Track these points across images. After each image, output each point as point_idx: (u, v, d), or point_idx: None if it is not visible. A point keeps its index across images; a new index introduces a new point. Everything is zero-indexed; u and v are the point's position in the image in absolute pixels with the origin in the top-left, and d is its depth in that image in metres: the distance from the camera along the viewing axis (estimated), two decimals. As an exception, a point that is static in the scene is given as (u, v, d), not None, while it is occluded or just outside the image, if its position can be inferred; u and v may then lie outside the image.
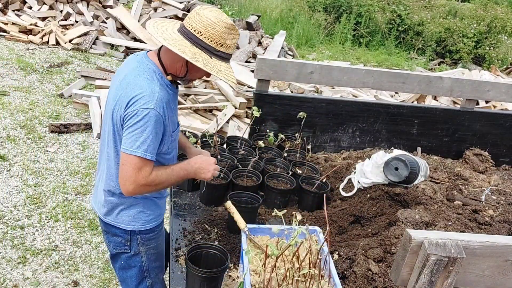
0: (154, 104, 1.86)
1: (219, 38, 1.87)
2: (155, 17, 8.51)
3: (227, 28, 1.88)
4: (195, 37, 1.87)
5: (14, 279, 3.28)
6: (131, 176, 1.88)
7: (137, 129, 1.85)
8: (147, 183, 1.91)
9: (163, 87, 1.95)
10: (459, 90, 3.70)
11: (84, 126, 5.47)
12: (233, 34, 1.92)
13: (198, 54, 1.87)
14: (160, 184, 1.98)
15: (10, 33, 7.83)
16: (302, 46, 10.75)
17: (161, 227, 2.31)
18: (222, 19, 1.87)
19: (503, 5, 13.38)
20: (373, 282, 2.12)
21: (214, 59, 1.89)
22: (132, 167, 1.87)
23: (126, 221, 2.15)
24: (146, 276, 2.30)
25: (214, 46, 1.88)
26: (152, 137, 1.87)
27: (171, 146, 2.09)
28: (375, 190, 2.86)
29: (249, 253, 1.82)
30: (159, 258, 2.32)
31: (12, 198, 4.10)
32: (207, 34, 1.86)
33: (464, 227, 2.57)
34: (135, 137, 1.86)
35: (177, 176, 2.04)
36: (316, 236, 2.23)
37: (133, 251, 2.22)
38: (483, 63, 11.23)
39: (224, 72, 1.91)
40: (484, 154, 3.78)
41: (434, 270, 1.32)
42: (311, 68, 3.42)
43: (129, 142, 1.86)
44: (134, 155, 1.85)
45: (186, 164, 2.09)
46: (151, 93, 1.87)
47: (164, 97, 1.92)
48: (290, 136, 3.54)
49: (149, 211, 2.17)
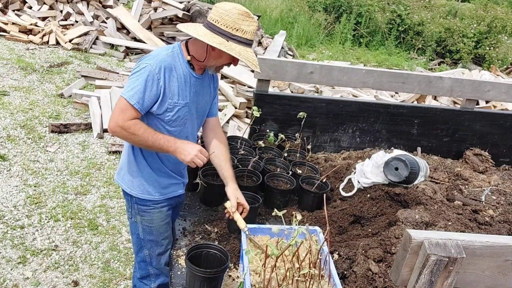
0: (153, 62, 2.08)
1: (233, 23, 2.05)
2: (155, 17, 8.51)
3: (241, 14, 2.05)
4: (213, 25, 2.07)
5: (14, 279, 3.28)
6: (114, 114, 2.09)
7: (132, 78, 2.09)
8: (123, 126, 2.07)
9: (174, 58, 2.14)
10: (459, 90, 3.70)
11: (84, 126, 5.47)
12: (248, 21, 2.07)
13: (215, 37, 2.05)
14: (135, 135, 2.09)
15: (10, 33, 7.82)
16: (302, 46, 10.75)
17: (160, 206, 2.38)
18: (235, 7, 2.06)
19: (503, 5, 13.38)
20: (373, 282, 2.12)
21: (230, 42, 2.05)
22: (118, 107, 2.09)
23: (127, 183, 2.33)
24: (143, 246, 2.44)
25: (230, 31, 2.05)
26: (141, 87, 2.05)
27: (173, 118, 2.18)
28: (375, 190, 2.86)
29: (249, 253, 1.82)
30: (153, 233, 2.41)
31: (12, 198, 4.10)
32: (222, 21, 2.05)
33: (464, 227, 2.57)
34: (129, 83, 2.09)
35: (155, 140, 2.12)
36: (316, 236, 2.23)
37: (133, 218, 2.41)
38: (483, 63, 11.23)
39: (238, 51, 2.06)
40: (484, 154, 3.78)
41: (434, 270, 1.32)
42: (311, 68, 3.42)
43: (125, 87, 2.11)
44: (122, 97, 2.07)
45: (172, 139, 2.17)
46: (155, 55, 2.12)
47: (168, 63, 2.11)
48: (290, 136, 3.54)
49: (146, 182, 2.30)
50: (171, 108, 2.16)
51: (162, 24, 8.65)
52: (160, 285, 2.52)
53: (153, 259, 2.47)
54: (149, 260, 2.47)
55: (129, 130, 2.07)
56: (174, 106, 2.16)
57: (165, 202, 2.39)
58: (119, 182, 2.39)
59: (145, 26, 8.59)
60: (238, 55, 2.04)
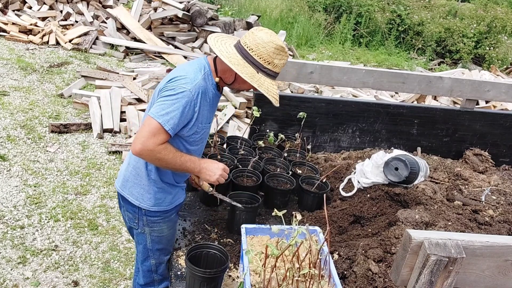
0: (192, 87, 2.04)
1: (268, 56, 2.06)
2: (155, 17, 8.50)
3: (276, 49, 2.06)
4: (246, 53, 2.07)
5: (14, 279, 3.28)
6: (144, 137, 2.01)
7: (168, 101, 2.02)
8: (154, 149, 2.01)
9: (206, 81, 2.12)
10: (459, 90, 3.69)
11: (84, 126, 5.47)
12: (281, 55, 2.09)
13: (246, 67, 2.06)
14: (163, 160, 2.06)
15: (10, 33, 7.82)
16: (302, 46, 10.75)
17: (169, 214, 2.36)
18: (273, 40, 2.06)
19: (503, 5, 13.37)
20: (373, 282, 2.12)
21: (260, 74, 2.07)
22: (149, 130, 2.01)
23: (136, 196, 2.26)
24: (150, 256, 2.41)
25: (262, 62, 2.06)
26: (178, 113, 2.01)
27: (197, 138, 2.20)
28: (375, 190, 2.86)
29: (249, 253, 1.82)
30: (163, 241, 2.39)
31: (12, 198, 4.10)
32: (257, 51, 2.05)
33: (464, 227, 2.57)
34: (163, 106, 2.01)
35: (182, 163, 2.12)
36: (316, 236, 2.23)
37: (140, 229, 2.35)
38: (483, 63, 11.23)
39: (266, 86, 2.08)
40: (484, 154, 3.78)
41: (434, 270, 1.32)
42: (311, 68, 3.42)
43: (157, 109, 2.02)
44: (156, 120, 2.00)
45: (196, 159, 2.19)
46: (193, 79, 2.07)
47: (204, 87, 2.09)
48: (290, 136, 3.54)
49: (158, 194, 2.26)
50: (199, 131, 2.17)
51: (162, 24, 8.65)
52: None
53: (159, 268, 2.45)
54: (154, 268, 2.45)
55: (159, 155, 2.04)
56: (202, 129, 2.18)
57: (173, 209, 2.38)
58: (125, 195, 2.30)
59: (145, 26, 8.59)
60: (266, 92, 2.06)
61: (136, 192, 2.27)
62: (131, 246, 3.76)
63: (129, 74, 6.92)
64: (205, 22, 8.86)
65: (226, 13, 10.74)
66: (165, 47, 8.30)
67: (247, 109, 5.88)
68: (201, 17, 8.76)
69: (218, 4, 11.28)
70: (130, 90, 6.22)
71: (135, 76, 6.86)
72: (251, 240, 2.30)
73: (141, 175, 2.25)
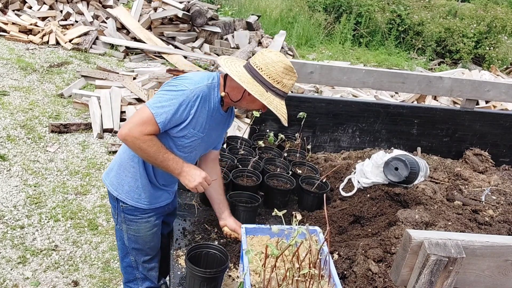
0: (194, 88, 2.06)
1: (277, 76, 2.07)
2: (155, 17, 8.50)
3: (285, 69, 2.08)
4: (256, 72, 2.08)
5: (14, 279, 3.28)
6: (133, 123, 2.03)
7: (166, 95, 2.04)
8: (139, 138, 2.02)
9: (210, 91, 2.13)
10: (459, 90, 3.69)
11: (84, 126, 5.47)
12: (290, 76, 2.11)
13: (256, 86, 2.06)
14: (146, 151, 2.06)
15: (10, 33, 7.82)
16: (302, 46, 10.75)
17: (148, 216, 2.36)
18: (282, 61, 2.08)
19: (503, 5, 13.38)
20: (373, 282, 2.12)
21: (269, 93, 2.08)
22: (140, 117, 2.03)
23: (115, 186, 2.31)
24: (129, 252, 2.46)
25: (271, 82, 2.07)
26: (173, 110, 2.02)
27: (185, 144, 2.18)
28: (375, 190, 2.86)
29: (249, 253, 1.82)
30: (139, 242, 2.41)
31: (12, 198, 4.10)
32: (267, 71, 2.07)
33: (464, 227, 2.57)
34: (161, 99, 2.03)
35: (164, 160, 2.11)
36: (316, 236, 2.23)
37: (118, 225, 2.41)
38: (483, 63, 11.23)
39: (275, 105, 2.08)
40: (484, 154, 3.78)
41: (434, 270, 1.32)
42: (311, 68, 3.42)
43: (154, 100, 2.04)
44: (149, 110, 2.01)
45: (180, 161, 2.16)
46: (198, 82, 2.09)
47: (206, 94, 2.10)
48: (290, 136, 3.54)
49: (137, 189, 2.28)
50: (189, 136, 2.16)
51: (162, 24, 8.65)
52: None
53: (139, 265, 2.47)
54: (135, 265, 2.48)
55: (142, 145, 2.04)
56: (193, 135, 2.17)
57: (153, 212, 2.37)
58: (106, 184, 2.36)
59: (145, 26, 8.59)
60: (275, 110, 2.07)
61: (116, 182, 2.31)
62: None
63: (129, 74, 6.92)
64: (205, 22, 8.87)
65: (226, 13, 10.74)
66: (165, 47, 8.30)
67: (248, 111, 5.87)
68: (201, 17, 8.76)
69: (218, 4, 11.27)
70: (130, 90, 6.22)
71: (135, 76, 6.86)
72: (251, 240, 2.30)
73: (125, 167, 2.28)
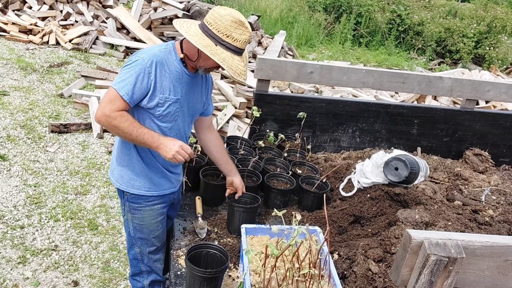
0: (145, 56, 2.12)
1: (225, 29, 2.08)
2: (155, 17, 8.50)
3: (234, 22, 2.09)
4: (206, 28, 2.11)
5: (14, 279, 3.28)
6: (102, 103, 2.11)
7: (124, 70, 2.13)
8: (110, 115, 2.09)
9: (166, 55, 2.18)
10: (459, 90, 3.70)
11: (84, 126, 5.47)
12: (241, 30, 2.10)
13: (204, 40, 2.09)
14: (119, 128, 2.11)
15: (10, 33, 7.82)
16: (302, 46, 10.75)
17: (152, 203, 2.39)
18: (230, 14, 2.10)
19: (503, 5, 13.37)
20: (373, 282, 2.12)
21: (219, 47, 2.08)
22: (107, 97, 2.12)
23: (116, 176, 2.37)
24: (134, 244, 2.49)
25: (220, 36, 2.08)
26: (132, 80, 2.08)
27: (163, 112, 2.20)
28: (375, 190, 2.86)
29: (249, 253, 1.82)
30: (144, 231, 2.44)
31: (12, 198, 4.10)
32: (215, 25, 2.09)
33: (464, 227, 2.57)
34: (120, 75, 2.13)
35: (139, 134, 2.14)
36: (316, 236, 2.23)
37: (125, 215, 2.45)
38: (483, 63, 11.23)
39: (223, 57, 2.08)
40: (484, 154, 3.78)
41: (434, 270, 1.32)
42: (311, 68, 3.42)
43: (115, 79, 2.14)
44: (112, 87, 2.11)
45: (156, 135, 2.19)
46: (149, 50, 2.17)
47: (160, 58, 2.15)
48: (290, 136, 3.54)
49: (137, 177, 2.32)
50: (162, 103, 2.18)
51: (162, 24, 8.65)
52: (152, 282, 2.55)
53: (144, 257, 2.50)
54: (140, 257, 2.50)
55: (114, 121, 2.09)
56: (165, 101, 2.19)
57: (157, 199, 2.39)
58: (111, 179, 2.42)
59: (145, 26, 8.59)
60: (221, 61, 2.07)
61: (117, 174, 2.35)
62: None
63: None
64: (205, 22, 8.86)
65: (226, 13, 10.73)
66: (165, 47, 8.29)
67: (247, 109, 5.88)
68: (201, 17, 8.75)
69: (218, 4, 11.27)
70: (130, 90, 6.22)
71: (135, 76, 6.85)
72: (251, 240, 2.30)
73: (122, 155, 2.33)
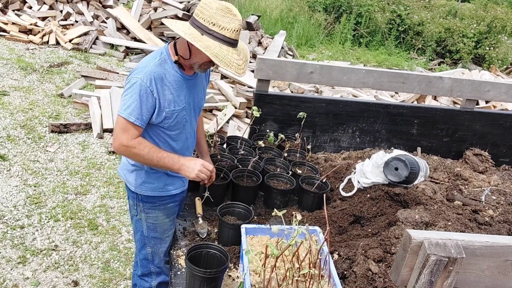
0: (143, 75, 2.06)
1: (210, 17, 1.99)
2: (155, 17, 8.50)
3: (220, 9, 1.99)
4: (194, 19, 2.04)
5: (14, 279, 3.28)
6: (117, 134, 2.11)
7: (126, 96, 2.09)
8: (128, 145, 2.10)
9: (162, 66, 2.12)
10: (459, 90, 3.70)
11: (84, 126, 5.47)
12: (228, 17, 1.99)
13: (190, 29, 2.02)
14: (140, 155, 2.13)
15: (10, 33, 7.82)
16: (302, 46, 10.75)
17: (166, 202, 2.39)
18: (216, 1, 2.01)
19: (503, 5, 13.37)
20: (373, 282, 2.12)
21: (205, 36, 1.99)
22: (119, 127, 2.11)
23: (130, 180, 2.35)
24: (146, 243, 2.47)
25: (206, 24, 1.99)
26: (137, 103, 2.06)
27: (172, 123, 2.20)
28: (375, 190, 2.86)
29: (249, 253, 1.82)
30: (158, 230, 2.43)
31: (12, 198, 4.10)
32: (201, 14, 2.01)
33: (464, 227, 2.57)
34: (124, 101, 2.09)
35: (160, 159, 2.16)
36: (316, 236, 2.23)
37: (138, 215, 2.42)
38: (483, 63, 11.22)
39: (214, 50, 1.97)
40: (484, 154, 3.78)
41: (434, 270, 1.32)
42: (311, 68, 3.42)
43: (120, 106, 2.11)
44: (121, 116, 2.09)
45: (176, 157, 2.21)
46: (144, 67, 2.10)
47: (158, 73, 2.09)
48: (290, 136, 3.54)
49: (151, 179, 2.32)
50: (169, 116, 2.17)
51: (162, 24, 8.65)
52: (160, 283, 2.54)
53: (155, 257, 2.49)
54: (151, 258, 2.49)
55: (134, 150, 2.11)
56: (172, 113, 2.17)
57: (170, 198, 2.40)
58: (122, 176, 2.40)
59: (145, 26, 8.59)
60: (204, 48, 1.95)
61: (132, 178, 2.34)
62: (131, 246, 3.76)
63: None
64: (205, 22, 8.86)
65: (226, 13, 10.73)
66: (165, 47, 8.29)
67: (247, 109, 5.88)
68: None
69: (218, 4, 11.26)
70: (130, 90, 6.22)
71: (135, 76, 6.85)
72: (251, 240, 2.30)
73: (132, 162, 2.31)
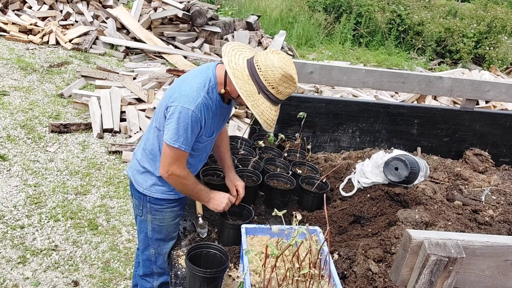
0: (195, 107, 2.09)
1: (273, 81, 2.03)
2: (155, 17, 8.50)
3: (284, 76, 2.03)
4: (254, 70, 2.04)
5: (14, 279, 3.28)
6: (168, 163, 2.17)
7: (178, 124, 2.10)
8: (180, 175, 2.19)
9: (209, 96, 2.14)
10: (459, 90, 3.69)
11: (84, 126, 5.47)
12: (288, 84, 2.06)
13: (249, 85, 2.05)
14: (187, 185, 2.25)
15: (10, 33, 7.82)
16: (302, 46, 10.75)
17: (173, 205, 2.41)
18: (283, 67, 2.02)
19: (503, 5, 13.37)
20: (373, 282, 2.12)
21: (260, 95, 2.06)
22: (171, 157, 2.16)
23: (140, 181, 2.37)
24: (150, 245, 2.47)
25: (266, 85, 2.04)
26: (189, 133, 2.12)
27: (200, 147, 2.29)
28: (375, 190, 2.86)
29: (249, 253, 1.82)
30: (163, 232, 2.44)
31: (12, 198, 4.10)
32: (265, 73, 2.03)
33: (464, 227, 2.57)
34: (175, 131, 2.10)
35: (198, 191, 2.31)
36: (316, 236, 2.23)
37: (143, 216, 2.43)
38: (483, 63, 11.23)
39: (262, 109, 2.06)
40: (484, 154, 3.78)
41: (434, 270, 1.32)
42: (311, 68, 3.41)
43: (169, 134, 2.11)
44: (173, 147, 2.12)
45: (208, 190, 2.37)
46: (196, 97, 2.10)
47: (207, 104, 2.13)
48: (290, 136, 3.54)
49: (161, 182, 2.34)
50: (203, 141, 2.25)
51: (162, 24, 8.65)
52: (162, 283, 2.54)
53: (158, 258, 2.49)
54: (154, 259, 2.50)
55: (183, 180, 2.22)
56: (204, 140, 2.25)
57: (177, 201, 2.42)
58: (131, 177, 2.41)
59: (145, 26, 8.58)
60: (259, 115, 2.05)
61: (140, 178, 2.36)
62: (131, 246, 3.76)
63: (129, 74, 6.91)
64: (205, 22, 8.87)
65: (226, 13, 10.74)
66: (165, 47, 8.30)
67: (247, 109, 5.88)
68: (201, 17, 8.75)
69: (218, 4, 11.27)
70: (130, 90, 6.22)
71: (135, 76, 6.86)
72: (251, 240, 2.30)
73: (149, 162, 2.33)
